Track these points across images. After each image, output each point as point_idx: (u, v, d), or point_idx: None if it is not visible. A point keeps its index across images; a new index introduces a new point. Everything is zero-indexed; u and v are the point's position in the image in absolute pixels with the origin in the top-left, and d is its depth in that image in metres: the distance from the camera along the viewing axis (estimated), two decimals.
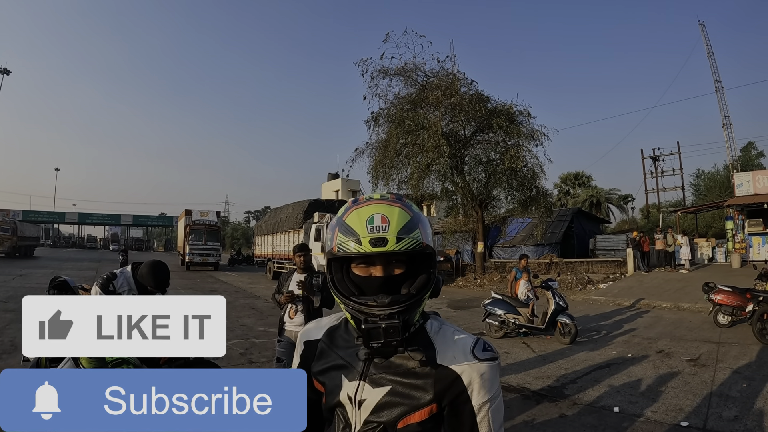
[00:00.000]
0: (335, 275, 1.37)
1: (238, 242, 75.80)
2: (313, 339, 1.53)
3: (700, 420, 5.23)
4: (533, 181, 23.02)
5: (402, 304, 1.27)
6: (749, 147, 40.57)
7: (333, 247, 1.34)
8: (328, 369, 1.44)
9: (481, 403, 1.29)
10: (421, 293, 1.31)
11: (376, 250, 1.27)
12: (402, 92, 22.93)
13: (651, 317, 12.10)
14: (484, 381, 1.30)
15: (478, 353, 1.32)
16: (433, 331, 1.39)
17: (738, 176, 23.45)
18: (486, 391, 1.30)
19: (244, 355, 8.15)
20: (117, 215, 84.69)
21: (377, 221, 1.29)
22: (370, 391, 1.34)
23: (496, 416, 1.32)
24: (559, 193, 48.18)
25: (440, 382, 1.30)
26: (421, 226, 1.34)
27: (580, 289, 18.11)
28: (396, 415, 1.31)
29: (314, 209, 24.59)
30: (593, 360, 7.95)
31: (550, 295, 9.73)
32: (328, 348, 1.48)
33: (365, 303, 1.28)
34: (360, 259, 1.33)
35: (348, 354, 1.41)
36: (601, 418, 5.43)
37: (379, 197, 1.39)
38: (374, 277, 1.33)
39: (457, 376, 1.30)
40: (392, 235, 1.28)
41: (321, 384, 1.45)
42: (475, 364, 1.31)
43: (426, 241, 1.33)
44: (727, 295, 9.96)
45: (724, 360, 7.56)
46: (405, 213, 1.33)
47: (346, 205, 1.41)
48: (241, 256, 45.34)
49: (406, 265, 1.35)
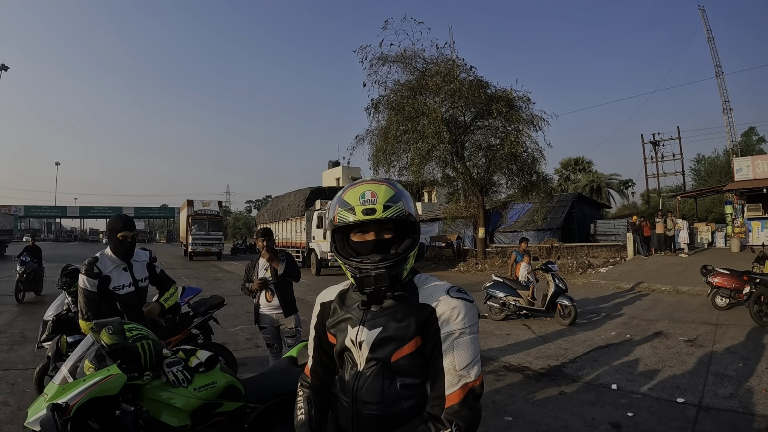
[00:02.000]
0: (338, 243, 1.70)
1: (240, 232, 75.95)
2: (328, 300, 1.87)
3: (695, 397, 5.36)
4: (533, 167, 23.06)
5: (389, 260, 1.58)
6: (750, 132, 40.62)
7: (334, 219, 1.66)
8: (338, 322, 1.76)
9: (448, 333, 1.54)
10: (406, 252, 1.62)
11: (367, 218, 1.58)
12: (401, 79, 22.94)
13: (650, 300, 12.24)
14: (453, 314, 1.55)
15: (452, 293, 1.60)
16: (420, 281, 1.71)
17: (737, 161, 23.48)
18: (454, 323, 1.54)
19: (250, 340, 8.32)
20: (118, 208, 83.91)
21: (368, 195, 1.61)
22: (366, 333, 1.63)
23: (463, 350, 1.53)
24: (559, 178, 48.22)
25: (420, 317, 1.58)
26: (404, 199, 1.65)
27: (580, 273, 18.24)
28: (389, 351, 1.59)
29: (316, 197, 24.69)
30: (592, 341, 8.09)
31: (550, 278, 9.86)
32: (339, 306, 1.80)
33: (361, 261, 1.60)
34: (356, 227, 1.65)
35: (352, 309, 1.73)
36: (600, 395, 5.57)
37: (369, 179, 1.72)
38: (368, 241, 1.64)
39: (432, 309, 1.58)
40: (380, 204, 1.59)
41: (333, 335, 1.78)
42: (447, 299, 1.58)
43: (408, 210, 1.64)
44: (725, 277, 10.08)
45: (721, 341, 7.69)
46: (390, 189, 1.65)
47: (344, 187, 1.73)
48: (246, 245, 45.45)
49: (394, 231, 1.66)
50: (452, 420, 1.49)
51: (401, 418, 1.57)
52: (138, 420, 2.32)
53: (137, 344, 2.64)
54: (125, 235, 3.85)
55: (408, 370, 1.59)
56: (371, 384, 1.62)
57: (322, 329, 1.86)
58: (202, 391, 2.75)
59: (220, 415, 2.85)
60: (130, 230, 3.89)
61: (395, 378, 1.60)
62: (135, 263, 4.00)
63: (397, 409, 1.58)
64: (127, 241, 3.87)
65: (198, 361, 2.85)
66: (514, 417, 4.90)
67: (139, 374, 2.62)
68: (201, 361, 2.86)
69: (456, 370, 1.52)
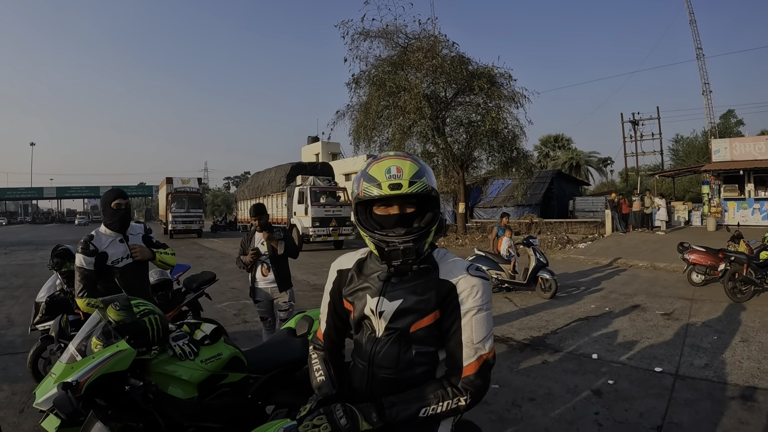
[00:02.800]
0: (360, 216, 1.77)
1: (219, 209, 75.28)
2: (345, 268, 1.94)
3: (672, 366, 5.55)
4: (514, 143, 23.22)
5: (414, 233, 1.67)
6: (729, 115, 41.18)
7: (359, 193, 1.71)
8: (356, 290, 1.84)
9: (467, 309, 1.65)
10: (429, 226, 1.71)
11: (393, 192, 1.65)
12: (383, 54, 22.82)
13: (628, 275, 12.51)
14: (472, 291, 1.66)
15: (471, 271, 1.70)
16: (439, 256, 1.80)
17: (716, 143, 23.85)
18: (473, 300, 1.65)
19: (237, 315, 8.37)
20: (95, 187, 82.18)
21: (393, 171, 1.67)
22: (387, 303, 1.71)
23: (479, 325, 1.65)
24: (539, 155, 48.51)
25: (441, 293, 1.68)
26: (427, 175, 1.72)
27: (559, 249, 18.53)
28: (409, 322, 1.68)
29: (297, 172, 24.53)
30: (572, 313, 8.29)
31: (531, 252, 10.01)
32: (356, 275, 1.88)
33: (386, 234, 1.68)
34: (380, 201, 1.71)
35: (371, 278, 1.80)
36: (581, 364, 5.74)
37: (393, 154, 1.76)
38: (392, 215, 1.71)
39: (453, 286, 1.68)
40: (405, 180, 1.65)
41: (350, 303, 1.86)
42: (467, 278, 1.68)
43: (431, 185, 1.72)
44: (701, 255, 10.32)
45: (697, 315, 7.93)
46: (414, 164, 1.71)
47: (368, 161, 1.79)
48: (226, 221, 45.06)
49: (416, 206, 1.73)
50: (467, 389, 1.61)
51: (414, 383, 1.67)
52: (147, 394, 2.33)
53: (145, 319, 2.65)
54: (119, 203, 3.86)
55: (424, 339, 1.70)
56: (388, 350, 1.74)
57: (338, 296, 1.94)
58: (208, 363, 2.78)
59: (226, 386, 2.89)
60: (124, 198, 3.93)
61: (411, 346, 1.70)
62: (130, 236, 4.00)
63: (411, 374, 1.70)
64: (122, 209, 3.87)
65: (203, 334, 2.88)
66: (500, 385, 5.04)
67: (147, 349, 2.64)
68: (206, 333, 2.88)
69: (473, 343, 1.64)
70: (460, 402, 1.60)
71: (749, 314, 7.83)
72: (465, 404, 1.60)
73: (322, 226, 21.16)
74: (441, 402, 1.59)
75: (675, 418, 4.26)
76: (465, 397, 1.60)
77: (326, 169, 26.42)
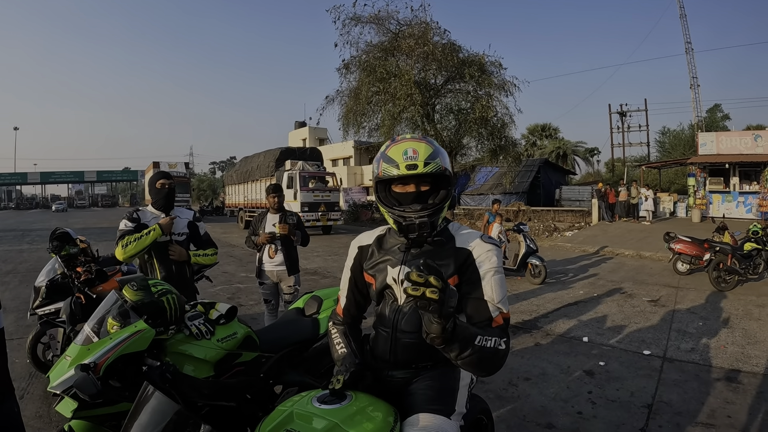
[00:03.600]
0: (380, 194, 1.94)
1: (205, 193, 74.72)
2: (366, 244, 2.11)
3: (660, 350, 5.75)
4: (503, 131, 23.21)
5: (429, 209, 1.84)
6: (715, 109, 41.55)
7: (379, 173, 1.88)
8: (377, 264, 2.01)
9: (486, 270, 1.81)
10: (442, 202, 1.88)
11: (410, 172, 1.81)
12: (374, 40, 22.54)
13: (614, 263, 12.74)
14: (488, 256, 1.84)
15: (484, 239, 1.90)
16: (454, 228, 1.98)
17: (702, 136, 24.11)
18: (489, 263, 1.82)
19: (231, 299, 8.37)
20: (80, 172, 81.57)
21: (410, 152, 1.83)
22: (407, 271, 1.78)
23: (498, 286, 1.80)
24: (526, 144, 48.61)
25: (458, 259, 1.86)
26: (441, 156, 1.88)
27: (546, 236, 18.75)
28: None
29: (286, 157, 24.40)
30: (562, 298, 8.47)
31: (522, 238, 10.17)
32: (377, 249, 2.05)
33: (404, 210, 1.85)
34: (398, 180, 1.89)
35: (392, 251, 1.99)
36: (572, 346, 5.92)
37: (410, 136, 1.92)
38: (409, 193, 1.89)
39: (469, 252, 1.86)
40: (421, 161, 1.82)
41: (371, 276, 2.02)
42: (481, 244, 1.87)
43: (445, 165, 1.87)
44: (687, 244, 10.54)
45: (682, 302, 8.14)
46: (429, 146, 1.88)
47: (386, 143, 1.96)
48: (212, 206, 44.73)
49: (431, 184, 1.90)
50: (502, 336, 1.67)
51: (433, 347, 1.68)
52: (165, 374, 2.30)
53: (162, 299, 2.69)
54: (163, 182, 3.96)
55: None
56: (410, 316, 1.90)
57: (359, 270, 2.10)
58: (224, 342, 2.82)
59: (240, 365, 2.93)
60: (168, 178, 4.03)
61: None
62: (178, 218, 4.03)
63: None
64: (166, 188, 3.95)
65: (218, 314, 2.93)
66: None
67: (165, 329, 2.68)
68: (221, 313, 2.94)
69: (494, 301, 1.77)
70: (500, 345, 1.63)
71: (733, 303, 8.06)
72: (504, 348, 1.64)
73: (311, 211, 21.20)
74: (490, 337, 1.60)
75: (664, 397, 4.43)
76: (504, 339, 1.65)
77: (315, 154, 26.36)
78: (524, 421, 4.00)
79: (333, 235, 21.30)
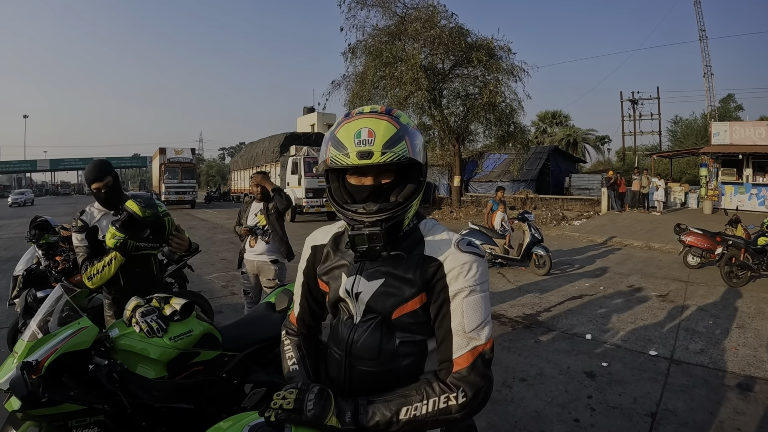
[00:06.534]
0: (332, 184, 1.50)
1: (213, 179, 74.76)
2: (320, 243, 1.68)
3: (667, 350, 5.43)
4: (511, 117, 22.90)
5: (388, 211, 1.38)
6: (728, 99, 40.76)
7: (327, 159, 1.41)
8: (332, 269, 1.58)
9: (457, 291, 1.37)
10: (407, 201, 1.42)
11: (362, 162, 1.35)
12: (380, 24, 22.31)
13: (622, 254, 12.39)
14: (462, 270, 1.37)
15: (462, 246, 1.42)
16: (426, 229, 1.51)
17: (715, 125, 23.56)
18: (463, 280, 1.37)
19: (225, 287, 8.20)
20: (89, 159, 79.95)
21: (364, 135, 1.36)
22: (365, 284, 1.46)
23: (472, 310, 1.36)
24: (536, 131, 48.07)
25: (426, 272, 1.41)
26: (408, 139, 1.39)
27: (554, 225, 18.38)
28: (390, 306, 1.42)
29: (291, 142, 24.25)
30: (566, 291, 8.17)
31: (526, 227, 9.85)
32: (332, 251, 1.61)
33: (355, 210, 1.41)
34: (353, 169, 1.43)
35: (348, 254, 1.54)
36: (574, 344, 5.62)
37: (369, 110, 1.44)
38: (365, 186, 1.43)
39: (440, 264, 1.40)
40: (377, 149, 1.35)
41: (325, 283, 1.59)
42: (457, 254, 1.40)
43: (412, 153, 1.39)
44: (698, 237, 10.18)
45: (692, 298, 7.81)
46: (391, 126, 1.39)
47: (338, 119, 1.49)
48: (219, 192, 44.59)
49: (396, 174, 1.44)
50: (459, 385, 1.33)
51: (398, 376, 1.43)
52: (112, 374, 2.18)
53: (165, 219, 3.09)
54: (97, 187, 3.33)
55: (409, 326, 1.43)
56: (368, 339, 1.47)
57: (312, 275, 1.68)
58: (178, 341, 2.58)
59: (198, 364, 2.71)
60: (101, 180, 3.33)
61: (394, 334, 1.44)
62: None
63: (395, 366, 1.43)
64: (102, 192, 3.33)
65: (172, 310, 2.66)
66: None
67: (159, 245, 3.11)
68: (176, 309, 2.66)
69: (465, 331, 1.35)
70: (450, 401, 1.32)
71: (745, 300, 7.71)
72: (457, 404, 1.32)
73: (316, 197, 21.00)
74: (425, 400, 1.32)
75: (670, 404, 4.14)
76: (455, 394, 1.32)
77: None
78: (515, 427, 3.73)
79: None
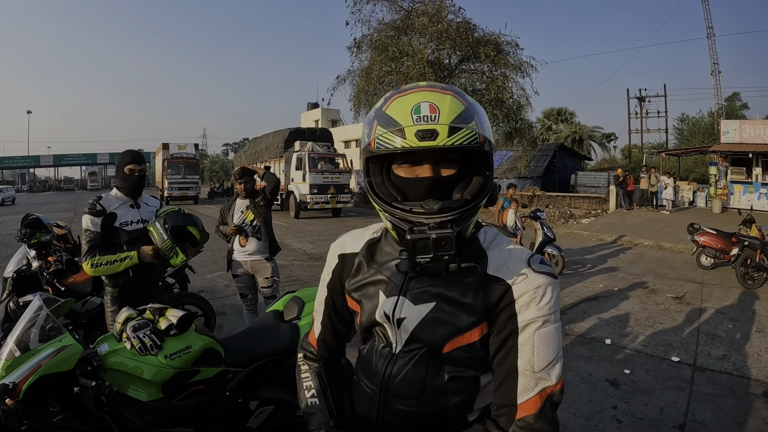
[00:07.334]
0: (374, 178, 1.18)
1: (217, 175, 74.63)
2: (350, 252, 1.35)
3: (690, 356, 5.25)
4: (518, 113, 22.75)
5: (455, 211, 1.07)
6: (734, 97, 40.43)
7: (371, 143, 1.11)
8: (365, 284, 1.26)
9: (528, 321, 1.09)
10: (477, 199, 1.11)
11: (424, 144, 1.04)
12: (386, 18, 22.11)
13: (633, 254, 12.18)
14: (536, 295, 1.09)
15: (535, 265, 1.12)
16: (486, 240, 1.20)
17: (725, 123, 23.31)
18: (536, 308, 1.09)
19: (228, 286, 7.98)
20: (93, 154, 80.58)
21: (425, 110, 1.06)
22: (411, 308, 1.16)
23: (545, 345, 1.09)
24: (541, 127, 47.83)
25: (489, 296, 1.12)
26: (478, 119, 1.10)
27: (562, 223, 18.21)
28: (441, 337, 1.13)
29: (295, 138, 23.92)
30: (581, 292, 7.98)
31: (539, 226, 9.65)
32: (366, 263, 1.29)
33: (410, 210, 1.08)
34: (404, 157, 1.12)
35: (387, 267, 1.22)
36: (594, 349, 5.43)
37: (426, 84, 1.14)
38: (420, 179, 1.12)
39: (508, 287, 1.11)
40: (444, 125, 1.05)
41: (356, 302, 1.28)
42: (530, 275, 1.11)
43: (484, 134, 1.10)
44: (712, 237, 10.00)
45: (708, 300, 7.62)
46: (458, 101, 1.10)
47: (386, 95, 1.17)
48: (223, 188, 44.44)
49: (459, 165, 1.14)
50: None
51: (444, 417, 1.17)
52: (100, 397, 1.96)
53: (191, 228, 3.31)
54: (133, 168, 3.31)
55: (462, 361, 1.16)
56: (410, 373, 1.17)
57: (339, 289, 1.36)
58: (174, 359, 2.31)
59: (198, 383, 2.45)
60: (139, 164, 3.35)
61: (443, 368, 1.16)
62: (144, 206, 3.47)
63: (441, 405, 1.17)
64: (135, 175, 3.33)
65: (168, 323, 2.39)
66: None
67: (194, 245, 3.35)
68: (172, 322, 2.39)
69: (534, 371, 1.09)
70: None
71: (762, 303, 7.49)
72: None
73: (320, 193, 20.72)
74: None
75: (697, 415, 3.96)
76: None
77: (325, 135, 25.79)
78: None
79: (342, 218, 20.87)
